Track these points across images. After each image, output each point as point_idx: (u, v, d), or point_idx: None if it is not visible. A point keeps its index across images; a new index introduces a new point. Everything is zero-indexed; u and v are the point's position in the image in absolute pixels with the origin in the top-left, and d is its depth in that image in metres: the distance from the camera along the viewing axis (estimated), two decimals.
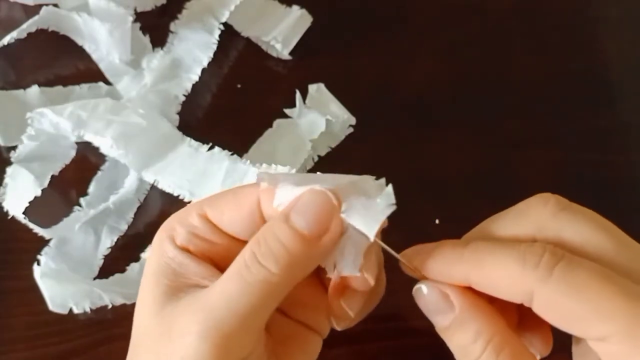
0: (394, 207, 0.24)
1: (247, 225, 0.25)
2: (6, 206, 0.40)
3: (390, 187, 0.24)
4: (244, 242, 0.25)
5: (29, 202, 0.39)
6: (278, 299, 0.24)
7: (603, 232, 0.24)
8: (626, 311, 0.21)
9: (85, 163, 0.42)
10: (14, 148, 0.41)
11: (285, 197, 0.24)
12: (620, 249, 0.24)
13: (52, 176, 0.41)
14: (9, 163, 0.41)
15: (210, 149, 0.41)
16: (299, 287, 0.25)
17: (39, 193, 0.39)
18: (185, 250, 0.25)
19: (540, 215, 0.25)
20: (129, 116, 0.40)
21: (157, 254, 0.25)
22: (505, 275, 0.23)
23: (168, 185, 0.40)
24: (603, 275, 0.22)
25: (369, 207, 0.23)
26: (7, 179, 0.41)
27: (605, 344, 0.22)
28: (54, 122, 0.39)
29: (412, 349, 0.39)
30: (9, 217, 0.40)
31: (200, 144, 0.41)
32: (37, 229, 0.39)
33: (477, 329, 0.24)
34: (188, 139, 0.41)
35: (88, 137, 0.39)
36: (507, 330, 0.24)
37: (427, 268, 0.25)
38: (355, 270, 0.24)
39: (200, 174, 0.39)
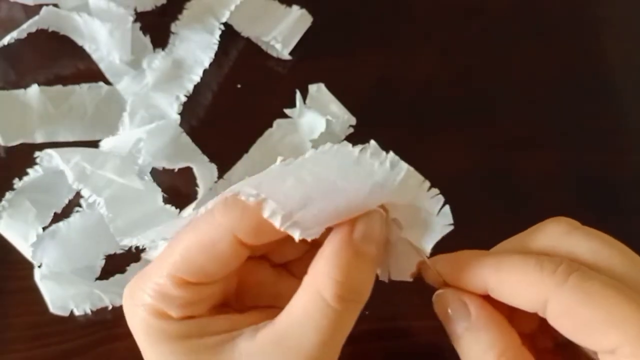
0: (451, 227, 0.24)
1: (233, 263, 0.24)
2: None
3: (447, 207, 0.25)
4: (233, 276, 0.24)
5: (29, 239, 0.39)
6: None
7: (614, 249, 0.24)
8: (636, 319, 0.22)
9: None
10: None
11: (283, 202, 0.21)
12: (631, 265, 0.24)
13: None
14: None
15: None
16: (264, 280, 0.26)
17: (40, 232, 0.39)
18: (187, 319, 0.24)
19: (553, 234, 0.25)
20: (132, 181, 0.38)
21: (155, 337, 0.24)
22: (522, 280, 0.23)
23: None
24: (616, 286, 0.23)
25: (427, 224, 0.24)
26: (4, 203, 0.40)
27: (616, 355, 0.22)
28: (58, 168, 0.39)
29: (412, 349, 0.39)
30: None
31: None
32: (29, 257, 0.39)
33: (491, 341, 0.24)
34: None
35: (84, 193, 0.38)
36: (520, 347, 0.24)
37: (448, 273, 0.25)
38: (407, 277, 0.25)
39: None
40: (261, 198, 0.21)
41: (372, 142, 0.23)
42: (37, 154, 0.40)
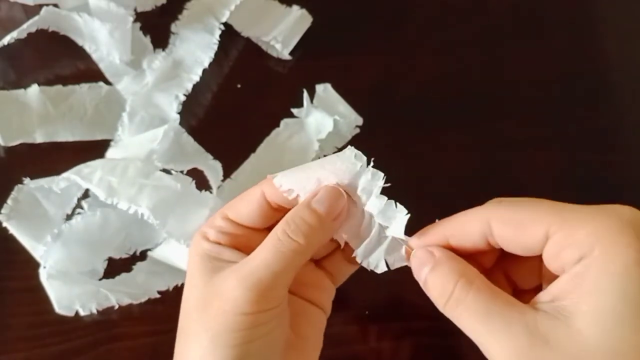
0: (406, 214, 0.31)
1: (259, 216, 0.32)
2: (9, 227, 0.40)
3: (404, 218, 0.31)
4: (259, 230, 0.32)
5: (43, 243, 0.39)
6: (301, 263, 0.31)
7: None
8: (560, 208, 0.28)
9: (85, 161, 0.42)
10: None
11: (287, 183, 0.31)
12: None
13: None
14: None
15: None
16: (305, 271, 0.34)
17: (54, 232, 0.39)
18: (217, 243, 0.32)
19: (473, 209, 0.31)
20: (160, 179, 0.38)
21: (197, 249, 0.32)
22: (469, 217, 0.29)
23: None
24: (535, 199, 0.29)
25: (393, 219, 0.31)
26: (11, 201, 0.41)
27: (549, 243, 0.27)
28: (82, 188, 0.39)
29: (412, 349, 0.39)
30: None
31: None
32: (35, 252, 0.39)
33: (450, 268, 0.29)
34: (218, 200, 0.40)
35: (122, 206, 0.37)
36: (477, 272, 0.29)
37: (412, 240, 0.31)
38: (403, 262, 0.31)
39: None
40: (277, 178, 0.32)
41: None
42: (55, 179, 0.39)
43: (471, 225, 0.29)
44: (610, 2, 0.51)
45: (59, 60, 0.46)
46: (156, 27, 0.47)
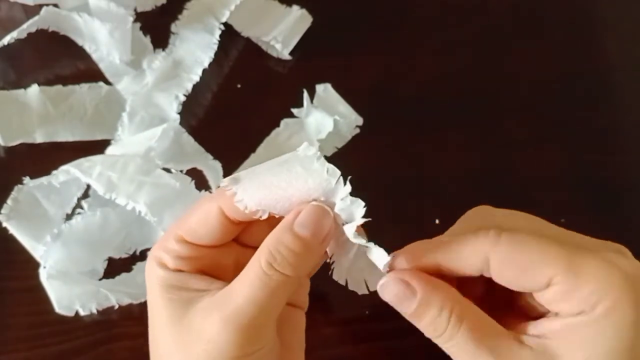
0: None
1: (220, 233, 0.29)
2: (9, 227, 0.40)
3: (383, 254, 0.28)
4: (221, 248, 0.29)
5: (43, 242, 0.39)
6: (291, 293, 0.29)
7: (529, 218, 0.30)
8: (565, 254, 0.26)
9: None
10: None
11: (252, 203, 0.28)
12: (544, 227, 0.29)
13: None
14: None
15: None
16: None
17: (53, 232, 0.39)
18: (178, 271, 0.29)
19: (479, 217, 0.30)
20: (160, 177, 0.38)
21: (154, 280, 0.29)
22: (465, 250, 0.28)
23: None
24: (540, 235, 0.27)
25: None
26: (11, 201, 0.40)
27: (550, 289, 0.26)
28: (82, 182, 0.39)
29: (412, 349, 0.39)
30: None
31: None
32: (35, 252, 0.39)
33: (440, 304, 0.27)
34: None
35: (120, 201, 0.37)
36: (466, 301, 0.28)
37: (399, 260, 0.29)
38: (362, 288, 0.29)
39: None
40: (234, 189, 0.28)
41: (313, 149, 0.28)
42: (53, 172, 0.39)
43: (467, 259, 0.28)
44: (610, 2, 0.51)
45: (59, 60, 0.46)
46: (156, 27, 0.46)
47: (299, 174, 0.28)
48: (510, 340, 0.27)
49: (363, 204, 0.27)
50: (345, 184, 0.27)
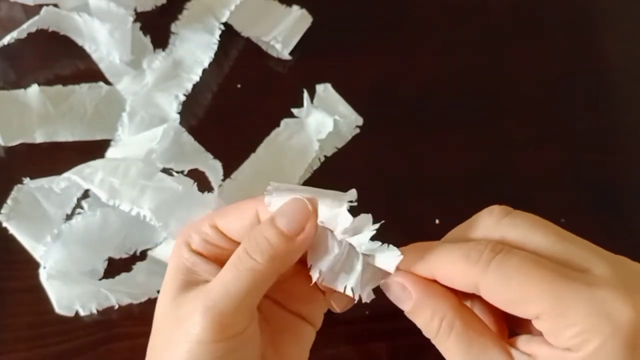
0: (400, 257, 0.29)
1: (248, 232, 0.30)
2: (9, 227, 0.40)
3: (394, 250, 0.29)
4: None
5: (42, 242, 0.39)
6: (264, 285, 0.29)
7: (541, 229, 0.28)
8: (551, 292, 0.26)
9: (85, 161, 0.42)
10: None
11: (277, 205, 0.29)
12: (557, 242, 0.28)
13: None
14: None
15: None
16: (295, 282, 0.32)
17: (54, 232, 0.39)
18: (198, 253, 0.31)
19: (486, 224, 0.29)
20: (162, 180, 0.38)
21: (176, 255, 0.31)
22: (455, 271, 0.28)
23: None
24: (533, 261, 0.26)
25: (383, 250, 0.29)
26: (11, 201, 0.40)
27: (538, 322, 0.26)
28: (82, 188, 0.39)
29: (412, 348, 0.39)
30: None
31: None
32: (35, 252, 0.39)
33: (432, 310, 0.28)
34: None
35: (124, 207, 0.37)
36: (458, 307, 0.28)
37: (402, 266, 0.29)
38: (371, 296, 0.30)
39: None
40: (267, 197, 0.30)
41: None
42: (55, 180, 0.38)
43: (459, 282, 0.28)
44: (610, 2, 0.51)
45: (59, 60, 0.46)
46: (156, 27, 0.46)
47: (326, 195, 0.29)
48: (498, 355, 0.28)
49: (370, 216, 0.29)
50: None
